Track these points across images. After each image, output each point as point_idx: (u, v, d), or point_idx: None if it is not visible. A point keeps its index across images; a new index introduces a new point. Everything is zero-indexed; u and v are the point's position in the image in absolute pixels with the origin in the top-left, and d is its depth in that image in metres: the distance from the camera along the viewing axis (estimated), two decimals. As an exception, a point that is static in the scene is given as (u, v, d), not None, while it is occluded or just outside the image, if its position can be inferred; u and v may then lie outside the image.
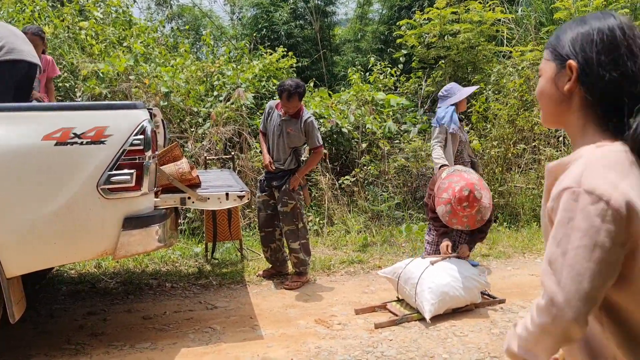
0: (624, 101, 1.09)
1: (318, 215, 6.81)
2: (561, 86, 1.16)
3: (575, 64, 1.12)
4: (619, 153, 1.07)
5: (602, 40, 1.11)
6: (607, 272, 1.01)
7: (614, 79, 1.09)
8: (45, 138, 3.02)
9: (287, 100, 4.57)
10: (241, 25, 15.35)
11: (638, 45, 1.11)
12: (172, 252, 5.55)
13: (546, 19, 10.76)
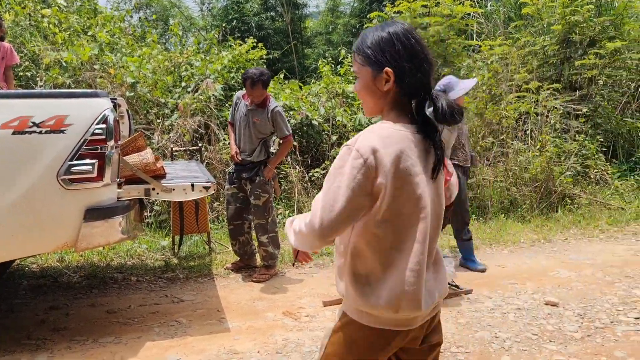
0: (420, 94, 1.47)
1: (288, 208, 6.78)
2: (380, 86, 1.49)
3: (391, 70, 1.46)
4: (394, 130, 1.45)
5: (406, 49, 1.46)
6: (352, 211, 1.41)
7: (418, 79, 1.47)
8: (2, 127, 2.92)
9: (251, 88, 4.52)
10: (211, 16, 15.19)
11: (423, 47, 1.49)
12: (138, 245, 5.45)
13: (515, 14, 10.91)
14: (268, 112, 4.63)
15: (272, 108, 4.64)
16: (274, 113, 4.63)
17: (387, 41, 1.47)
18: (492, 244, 5.96)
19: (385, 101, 1.51)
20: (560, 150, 7.79)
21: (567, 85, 8.98)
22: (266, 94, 4.66)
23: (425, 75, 1.48)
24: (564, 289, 4.45)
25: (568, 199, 7.36)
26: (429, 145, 1.50)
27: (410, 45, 1.47)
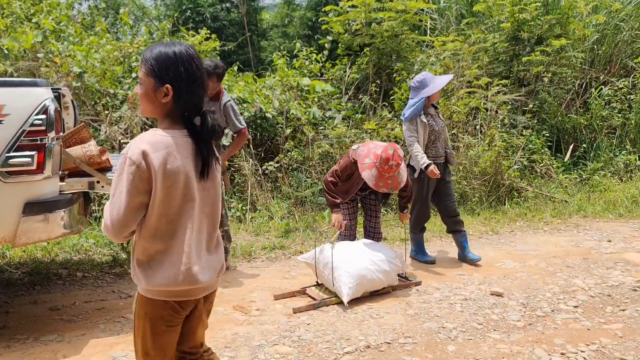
0: (192, 110, 1.79)
1: (241, 201, 6.73)
2: (159, 98, 1.76)
3: (171, 88, 1.74)
4: (163, 136, 1.74)
5: (188, 73, 1.75)
6: (136, 208, 1.72)
7: (192, 100, 1.78)
8: None
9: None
10: (164, 5, 14.84)
11: (202, 74, 1.81)
12: (85, 240, 5.30)
13: (467, 11, 11.13)
14: (220, 105, 4.54)
15: (225, 102, 4.54)
16: (226, 107, 4.53)
17: (172, 62, 1.74)
18: (442, 236, 6.08)
19: (161, 110, 1.79)
20: (508, 144, 8.01)
21: (516, 81, 9.24)
22: (220, 87, 4.58)
23: (199, 98, 1.81)
24: (509, 280, 4.59)
25: (515, 192, 7.59)
26: (197, 149, 1.79)
27: (192, 70, 1.77)
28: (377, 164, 4.09)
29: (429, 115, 4.90)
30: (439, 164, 4.94)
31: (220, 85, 4.56)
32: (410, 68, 9.01)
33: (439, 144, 4.94)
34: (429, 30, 10.59)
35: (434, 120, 4.91)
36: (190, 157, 1.77)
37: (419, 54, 9.31)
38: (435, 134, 4.90)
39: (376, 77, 9.00)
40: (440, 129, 4.94)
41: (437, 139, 4.92)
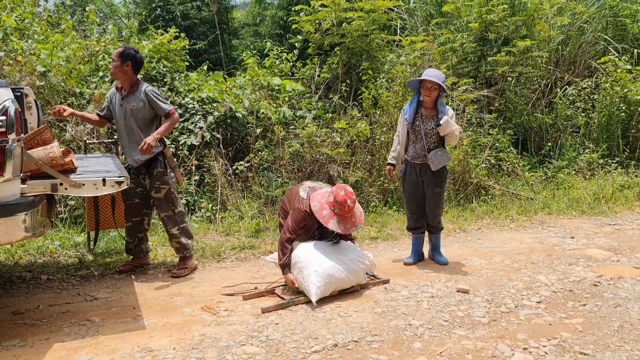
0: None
1: (211, 201, 6.69)
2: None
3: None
4: None
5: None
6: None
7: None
8: None
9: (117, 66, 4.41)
10: (134, 3, 14.62)
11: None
12: (50, 242, 5.21)
13: (436, 12, 11.26)
14: (140, 94, 4.45)
15: (144, 88, 4.47)
16: (147, 93, 4.44)
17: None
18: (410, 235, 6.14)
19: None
20: (476, 143, 8.15)
21: (483, 81, 9.40)
22: (136, 78, 4.52)
23: None
24: (474, 277, 4.68)
25: (483, 190, 7.73)
26: None
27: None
28: (336, 210, 4.11)
29: (423, 116, 4.85)
30: (415, 164, 4.92)
31: (135, 76, 4.51)
32: (380, 67, 9.08)
33: (418, 145, 4.88)
34: (398, 30, 10.69)
35: (422, 122, 4.85)
36: None
37: (388, 53, 9.38)
38: (416, 134, 4.88)
39: (346, 77, 9.05)
40: (424, 132, 4.83)
41: (417, 140, 4.88)
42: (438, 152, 4.86)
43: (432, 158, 4.83)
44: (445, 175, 4.97)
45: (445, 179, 4.99)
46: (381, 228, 6.38)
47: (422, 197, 5.03)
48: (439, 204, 5.02)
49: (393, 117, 7.79)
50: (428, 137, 4.86)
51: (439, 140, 4.89)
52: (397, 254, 5.47)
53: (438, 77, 4.75)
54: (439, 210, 5.06)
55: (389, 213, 7.04)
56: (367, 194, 7.27)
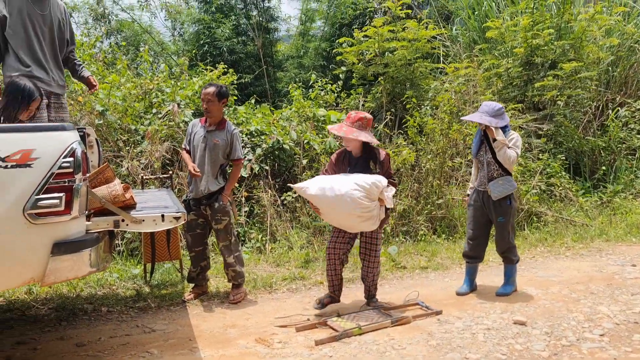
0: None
1: (260, 232, 6.79)
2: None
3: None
4: None
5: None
6: None
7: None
8: (-34, 162, 2.90)
9: (216, 100, 4.69)
10: (183, 41, 15.19)
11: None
12: (109, 274, 5.39)
13: (479, 37, 11.24)
14: (227, 133, 4.77)
15: (232, 129, 4.80)
16: (233, 134, 4.78)
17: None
18: (462, 264, 6.04)
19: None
20: (525, 169, 8.00)
21: (531, 105, 9.26)
22: (222, 110, 4.83)
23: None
24: (531, 307, 4.56)
25: (534, 217, 7.55)
26: None
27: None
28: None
29: (487, 146, 4.91)
30: (480, 191, 4.98)
31: (222, 107, 4.80)
32: (424, 95, 9.10)
33: (482, 173, 4.95)
34: (441, 58, 10.71)
35: (485, 152, 4.91)
36: None
37: (432, 81, 9.40)
38: (481, 163, 4.96)
39: (390, 106, 9.10)
40: (486, 161, 4.90)
41: (482, 169, 4.96)
42: (499, 182, 4.85)
43: (491, 187, 4.84)
44: (509, 204, 4.86)
45: (509, 208, 4.87)
46: (431, 257, 6.31)
47: (484, 225, 5.01)
48: (503, 233, 4.93)
49: (439, 145, 7.77)
50: (490, 166, 4.88)
51: (502, 170, 4.85)
52: (448, 284, 5.40)
53: (488, 113, 4.79)
54: (504, 240, 4.94)
55: (438, 242, 6.96)
56: (415, 222, 7.22)
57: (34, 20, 4.15)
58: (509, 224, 4.92)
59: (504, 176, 4.85)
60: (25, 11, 4.09)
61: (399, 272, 5.83)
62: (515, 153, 4.76)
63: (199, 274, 4.96)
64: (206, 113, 4.78)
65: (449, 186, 7.91)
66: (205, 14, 13.76)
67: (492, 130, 4.76)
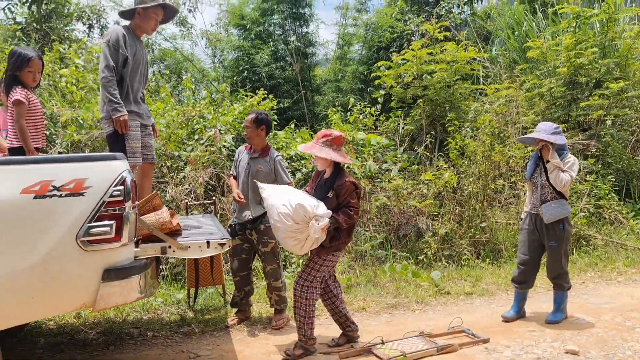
0: None
1: (301, 257, 6.78)
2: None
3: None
4: None
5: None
6: None
7: None
8: (24, 191, 3.00)
9: (254, 127, 4.76)
10: (223, 67, 15.54)
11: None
12: (154, 299, 5.47)
13: (519, 57, 11.10)
14: (271, 160, 4.83)
15: (275, 156, 4.86)
16: (276, 161, 4.83)
17: None
18: (507, 289, 5.90)
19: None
20: (572, 190, 7.78)
21: (576, 125, 9.05)
22: (266, 142, 4.91)
23: None
24: (583, 336, 4.39)
25: (583, 240, 7.31)
26: None
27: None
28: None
29: (542, 168, 4.84)
30: (532, 214, 4.90)
31: (264, 133, 4.85)
32: (464, 117, 9.01)
33: (535, 196, 4.88)
34: (481, 79, 10.61)
35: (540, 174, 4.85)
36: None
37: (472, 102, 9.31)
38: (535, 186, 4.89)
39: (430, 128, 9.04)
40: (540, 183, 4.83)
41: (535, 192, 4.88)
42: (552, 205, 4.75)
43: (544, 210, 4.75)
44: (562, 229, 4.73)
45: (563, 232, 4.74)
46: (475, 282, 6.17)
47: (535, 250, 4.89)
48: (555, 258, 4.79)
49: (481, 167, 7.65)
50: (543, 189, 4.80)
51: (555, 193, 4.75)
52: (494, 310, 5.26)
53: (545, 131, 4.74)
54: (556, 265, 4.80)
55: (482, 266, 6.81)
56: (458, 246, 7.09)
57: (141, 60, 4.40)
58: (562, 249, 4.78)
59: (557, 199, 4.75)
60: (137, 52, 4.33)
61: (442, 298, 5.72)
62: (569, 176, 4.65)
63: (242, 299, 4.99)
64: (247, 140, 4.87)
65: (492, 209, 7.76)
66: (244, 41, 14.09)
67: (547, 152, 4.71)
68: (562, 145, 4.76)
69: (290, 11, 14.08)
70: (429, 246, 6.92)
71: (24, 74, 3.99)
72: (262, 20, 14.20)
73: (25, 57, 3.98)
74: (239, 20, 14.44)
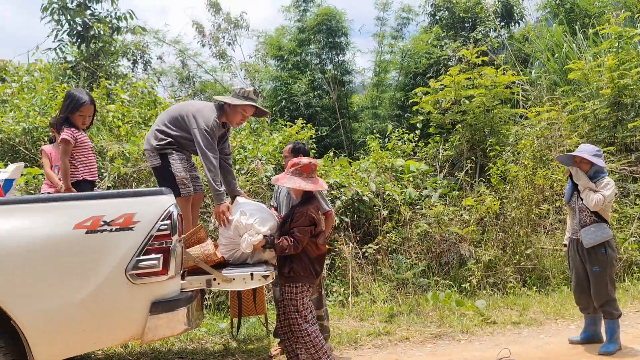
0: None
1: (342, 285, 6.76)
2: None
3: None
4: None
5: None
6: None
7: None
8: (76, 227, 3.12)
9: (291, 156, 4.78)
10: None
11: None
12: (197, 328, 5.53)
13: (560, 79, 10.92)
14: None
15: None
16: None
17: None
18: (557, 318, 5.71)
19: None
20: (621, 215, 7.53)
21: (622, 147, 8.79)
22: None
23: None
24: (640, 369, 4.20)
25: (635, 266, 7.03)
26: None
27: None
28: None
29: (578, 192, 4.77)
30: (573, 239, 4.84)
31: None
32: (505, 141, 8.89)
33: (575, 221, 4.82)
34: (521, 102, 10.48)
35: (577, 198, 4.77)
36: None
37: (512, 126, 9.19)
38: (573, 210, 4.84)
39: (470, 153, 8.95)
40: (578, 207, 4.75)
41: (575, 216, 4.82)
42: (591, 229, 4.64)
43: (583, 234, 4.66)
44: (604, 253, 4.60)
45: (604, 257, 4.60)
46: (522, 311, 6.00)
47: (583, 274, 4.78)
48: (600, 284, 4.64)
49: (524, 192, 7.51)
50: (581, 213, 4.71)
51: (594, 216, 4.63)
52: (544, 341, 5.09)
53: (587, 152, 4.67)
54: (602, 292, 4.64)
55: (529, 294, 6.62)
56: (502, 273, 6.93)
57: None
58: (606, 274, 4.62)
59: (597, 223, 4.62)
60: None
61: (488, 328, 5.57)
62: (601, 196, 4.54)
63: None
64: None
65: (537, 235, 7.57)
66: (282, 71, 14.38)
67: (574, 174, 4.69)
68: (601, 168, 4.67)
69: (327, 40, 14.32)
70: (472, 274, 6.79)
71: (75, 117, 4.19)
72: (299, 51, 14.48)
73: (79, 101, 4.18)
74: (277, 51, 14.77)
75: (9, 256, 3.02)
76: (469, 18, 14.05)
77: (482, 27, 13.50)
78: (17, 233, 3.06)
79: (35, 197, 3.47)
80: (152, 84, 10.69)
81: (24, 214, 3.14)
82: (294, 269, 3.95)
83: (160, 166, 4.29)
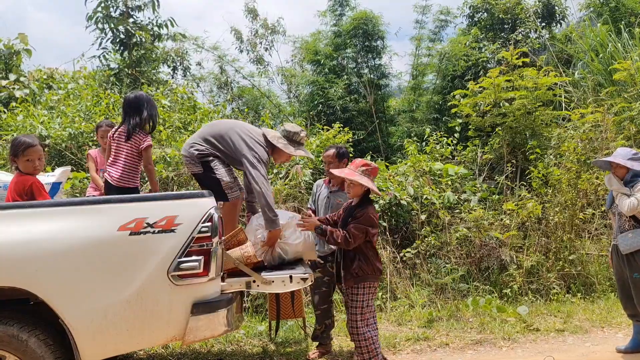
0: None
1: (381, 290, 6.71)
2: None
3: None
4: None
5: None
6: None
7: None
8: (121, 228, 3.20)
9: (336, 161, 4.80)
10: (298, 102, 15.95)
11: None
12: (236, 331, 5.58)
13: (605, 80, 10.60)
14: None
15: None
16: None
17: None
18: (603, 326, 5.53)
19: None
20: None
21: (673, 149, 8.46)
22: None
23: None
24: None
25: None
26: None
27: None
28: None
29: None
30: (615, 245, 4.72)
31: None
32: (547, 144, 8.68)
33: (615, 227, 4.72)
34: (564, 104, 10.21)
35: (619, 202, 4.63)
36: None
37: (555, 129, 8.96)
38: (613, 217, 4.76)
39: (511, 157, 8.77)
40: (618, 212, 4.65)
41: (616, 221, 4.72)
42: (628, 235, 4.51)
43: (620, 240, 4.56)
44: None
45: None
46: (567, 319, 5.83)
47: (626, 281, 4.63)
48: (638, 292, 4.49)
49: (567, 196, 7.31)
50: (621, 218, 4.60)
51: (633, 221, 4.49)
52: (589, 349, 4.93)
53: (622, 156, 4.51)
54: None
55: (573, 301, 6.43)
56: (545, 279, 6.75)
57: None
58: None
59: (636, 229, 4.47)
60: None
61: (531, 335, 5.44)
62: (635, 200, 4.39)
63: (323, 332, 4.99)
64: (329, 174, 4.92)
65: (581, 240, 7.35)
66: (318, 76, 14.42)
67: (607, 180, 4.61)
68: (638, 171, 4.51)
69: (363, 44, 14.30)
70: (513, 279, 6.64)
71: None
72: (336, 55, 14.49)
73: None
74: (313, 55, 14.83)
75: (57, 257, 3.12)
76: (509, 19, 13.79)
77: (522, 28, 13.23)
78: (64, 234, 3.16)
79: (81, 199, 3.56)
80: (192, 90, 10.88)
81: (70, 216, 3.24)
82: (362, 268, 3.97)
83: (203, 173, 4.30)
